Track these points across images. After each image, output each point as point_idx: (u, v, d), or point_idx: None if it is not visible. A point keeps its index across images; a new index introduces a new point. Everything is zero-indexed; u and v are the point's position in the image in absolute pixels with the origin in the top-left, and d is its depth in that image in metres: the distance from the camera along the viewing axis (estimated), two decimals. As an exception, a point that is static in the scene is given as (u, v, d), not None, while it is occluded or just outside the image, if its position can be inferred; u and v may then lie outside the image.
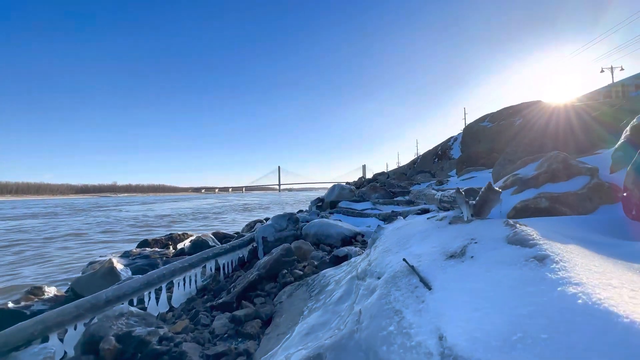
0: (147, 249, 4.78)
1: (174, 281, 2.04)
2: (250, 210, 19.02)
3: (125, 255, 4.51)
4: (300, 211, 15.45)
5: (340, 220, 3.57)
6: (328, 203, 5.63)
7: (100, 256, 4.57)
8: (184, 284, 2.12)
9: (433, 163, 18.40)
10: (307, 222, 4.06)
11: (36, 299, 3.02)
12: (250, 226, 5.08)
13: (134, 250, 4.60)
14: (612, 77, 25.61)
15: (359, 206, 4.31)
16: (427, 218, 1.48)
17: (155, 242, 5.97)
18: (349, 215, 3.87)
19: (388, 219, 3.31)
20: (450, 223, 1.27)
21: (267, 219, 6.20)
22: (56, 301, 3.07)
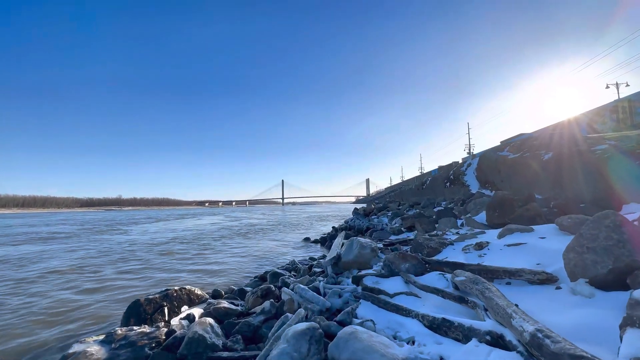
0: (134, 328, 4.03)
1: None
2: (253, 237, 18.25)
3: (107, 339, 3.78)
4: (307, 239, 14.56)
5: (372, 321, 2.82)
6: (346, 264, 4.91)
7: (80, 341, 3.81)
8: None
9: (444, 187, 17.64)
10: (328, 311, 3.32)
11: None
12: (259, 290, 4.36)
13: (119, 332, 3.86)
14: (618, 93, 25.27)
15: (388, 285, 3.56)
16: None
17: (149, 303, 5.32)
18: (380, 306, 3.11)
19: (437, 328, 2.56)
20: None
21: (279, 278, 5.41)
22: None
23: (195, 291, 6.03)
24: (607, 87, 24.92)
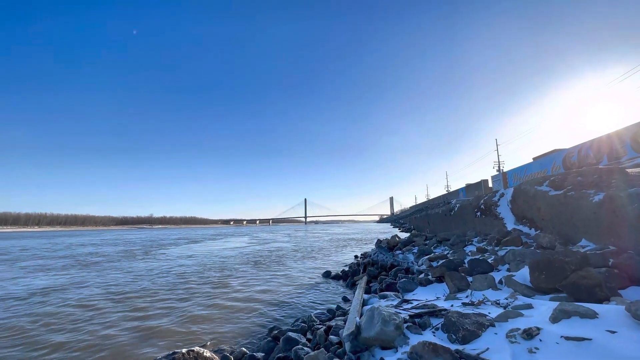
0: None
1: None
2: (274, 268, 17.89)
3: None
4: (327, 274, 13.86)
5: None
6: (366, 340, 4.32)
7: None
8: None
9: (475, 216, 16.44)
10: None
11: None
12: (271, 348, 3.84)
13: None
14: (664, 105, 23.15)
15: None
16: None
17: (154, 370, 5.00)
18: None
19: None
20: None
21: (292, 348, 4.79)
22: None
23: (204, 354, 5.65)
24: (652, 99, 22.90)
